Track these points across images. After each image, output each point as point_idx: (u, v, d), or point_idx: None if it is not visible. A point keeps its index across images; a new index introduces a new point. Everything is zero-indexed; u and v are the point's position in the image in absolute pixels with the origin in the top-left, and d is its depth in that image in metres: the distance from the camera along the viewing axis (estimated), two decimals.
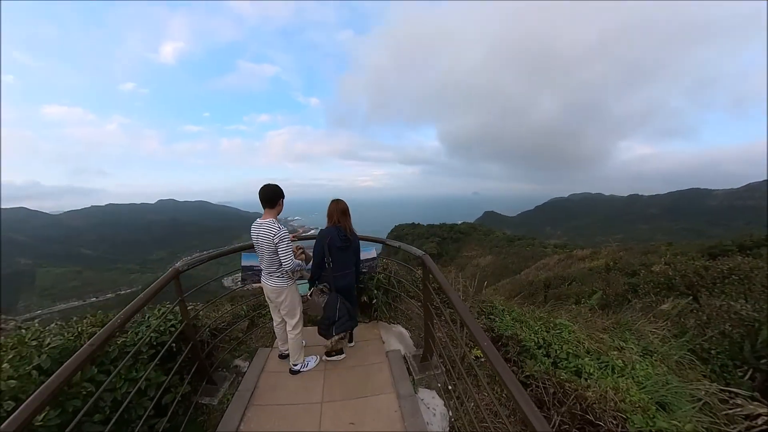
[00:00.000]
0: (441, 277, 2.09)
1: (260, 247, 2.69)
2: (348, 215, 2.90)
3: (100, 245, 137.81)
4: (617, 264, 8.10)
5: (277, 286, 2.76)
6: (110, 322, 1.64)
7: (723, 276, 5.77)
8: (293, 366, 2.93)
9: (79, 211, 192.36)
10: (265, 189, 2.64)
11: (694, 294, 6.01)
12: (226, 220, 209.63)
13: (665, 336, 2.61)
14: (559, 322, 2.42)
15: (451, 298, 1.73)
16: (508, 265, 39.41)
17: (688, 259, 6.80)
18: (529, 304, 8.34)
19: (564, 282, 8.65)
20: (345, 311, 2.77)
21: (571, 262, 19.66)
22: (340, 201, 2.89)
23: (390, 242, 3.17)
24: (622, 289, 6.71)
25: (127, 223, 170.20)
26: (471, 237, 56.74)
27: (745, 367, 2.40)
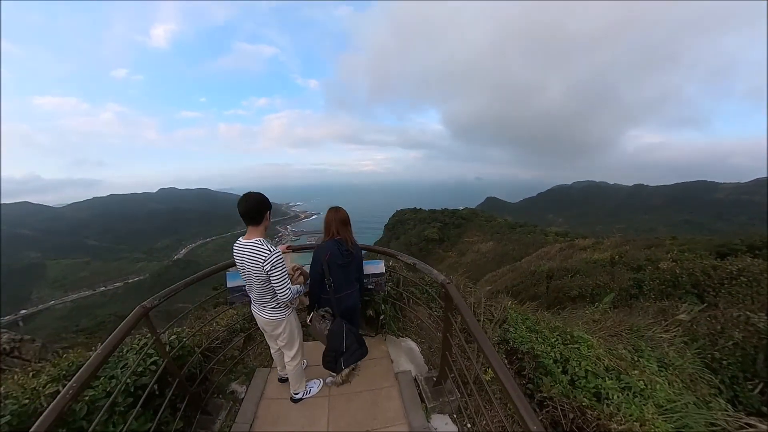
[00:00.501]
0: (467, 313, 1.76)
1: (247, 273, 2.17)
2: (349, 225, 2.52)
3: (105, 236, 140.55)
4: (623, 258, 8.07)
5: (273, 319, 2.31)
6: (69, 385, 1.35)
7: (731, 277, 5.75)
8: (294, 395, 2.62)
9: (81, 203, 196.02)
10: (245, 201, 2.05)
11: (700, 293, 6.03)
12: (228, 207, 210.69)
13: (678, 345, 2.59)
14: (577, 335, 2.35)
15: (477, 337, 1.54)
16: (508, 251, 39.63)
17: (695, 257, 6.77)
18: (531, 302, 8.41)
19: (567, 273, 8.67)
20: (353, 339, 2.45)
21: (573, 252, 19.70)
22: (339, 209, 2.50)
23: (404, 258, 2.73)
24: (627, 285, 6.73)
25: (129, 213, 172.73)
26: (472, 223, 56.73)
27: (756, 380, 2.39)
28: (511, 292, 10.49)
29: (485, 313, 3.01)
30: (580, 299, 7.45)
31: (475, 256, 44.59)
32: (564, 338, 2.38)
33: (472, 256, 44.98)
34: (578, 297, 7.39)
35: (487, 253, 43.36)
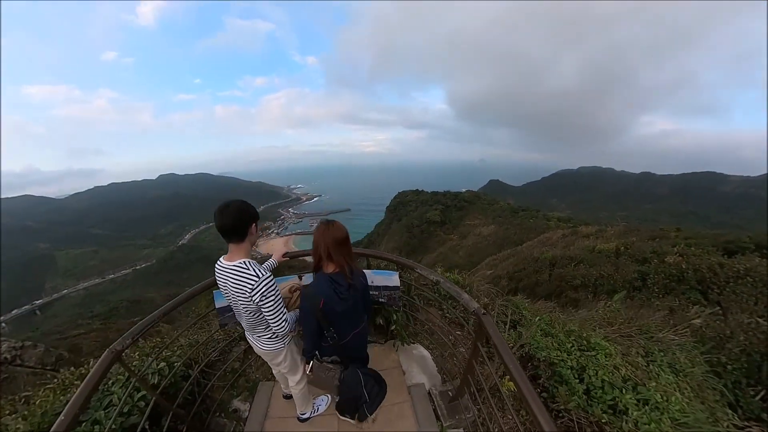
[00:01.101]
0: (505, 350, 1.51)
1: (233, 301, 1.80)
2: (346, 246, 1.83)
3: (109, 224, 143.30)
4: (628, 249, 8.08)
5: (271, 350, 1.96)
6: None
7: (737, 276, 5.76)
8: (301, 415, 2.40)
9: (83, 193, 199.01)
10: (222, 213, 1.63)
11: (704, 290, 6.08)
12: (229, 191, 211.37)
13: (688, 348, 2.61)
14: (594, 342, 2.32)
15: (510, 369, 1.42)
16: (510, 235, 39.86)
17: (703, 253, 6.76)
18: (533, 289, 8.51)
19: (570, 262, 8.72)
20: (372, 383, 2.10)
21: (575, 239, 19.71)
22: (332, 225, 1.82)
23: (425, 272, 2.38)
24: (631, 277, 6.78)
25: (131, 201, 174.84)
26: (475, 206, 56.59)
27: (759, 387, 2.43)
28: (513, 277, 10.64)
29: (499, 315, 2.96)
30: (582, 289, 7.55)
31: (476, 239, 44.92)
32: (580, 344, 2.34)
33: (473, 239, 45.33)
34: (581, 287, 7.49)
35: (488, 237, 43.64)
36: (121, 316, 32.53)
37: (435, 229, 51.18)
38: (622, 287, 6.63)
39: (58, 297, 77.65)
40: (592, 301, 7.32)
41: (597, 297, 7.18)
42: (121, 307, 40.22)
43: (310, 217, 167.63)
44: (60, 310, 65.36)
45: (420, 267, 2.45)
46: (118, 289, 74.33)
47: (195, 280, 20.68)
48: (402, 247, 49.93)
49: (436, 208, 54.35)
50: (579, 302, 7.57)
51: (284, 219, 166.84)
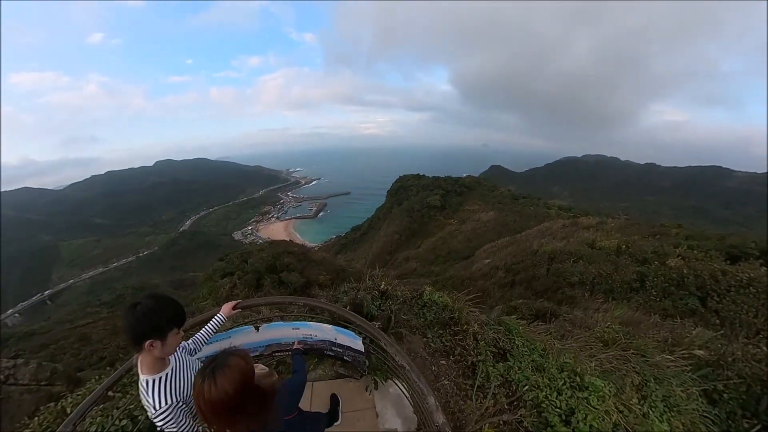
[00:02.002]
0: None
1: None
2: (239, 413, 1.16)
3: (110, 213, 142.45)
4: (629, 248, 7.97)
5: None
6: None
7: (740, 285, 5.66)
8: None
9: (81, 183, 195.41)
10: (126, 315, 1.37)
11: (704, 297, 6.02)
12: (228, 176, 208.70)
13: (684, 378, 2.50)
14: (588, 381, 2.16)
15: None
16: (509, 222, 39.79)
17: (705, 257, 6.65)
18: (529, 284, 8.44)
19: (570, 257, 8.64)
20: None
21: (576, 230, 19.61)
22: (212, 379, 1.14)
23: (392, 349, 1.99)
24: (630, 278, 6.70)
25: (130, 189, 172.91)
26: (475, 192, 56.18)
27: (755, 421, 2.34)
28: (510, 269, 10.61)
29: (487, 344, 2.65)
30: (579, 286, 7.50)
31: (475, 224, 44.87)
32: (572, 381, 2.19)
33: (472, 225, 45.29)
34: (578, 284, 7.44)
35: (487, 223, 43.58)
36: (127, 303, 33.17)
37: (435, 214, 51.09)
38: (620, 288, 6.57)
39: (65, 287, 79.49)
40: (588, 299, 7.29)
41: (594, 296, 7.15)
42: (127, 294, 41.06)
43: (310, 201, 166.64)
44: (69, 299, 67.28)
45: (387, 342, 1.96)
46: (123, 276, 75.34)
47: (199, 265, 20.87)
48: (402, 231, 50.06)
49: (436, 192, 53.97)
50: (575, 300, 7.55)
51: (284, 203, 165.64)
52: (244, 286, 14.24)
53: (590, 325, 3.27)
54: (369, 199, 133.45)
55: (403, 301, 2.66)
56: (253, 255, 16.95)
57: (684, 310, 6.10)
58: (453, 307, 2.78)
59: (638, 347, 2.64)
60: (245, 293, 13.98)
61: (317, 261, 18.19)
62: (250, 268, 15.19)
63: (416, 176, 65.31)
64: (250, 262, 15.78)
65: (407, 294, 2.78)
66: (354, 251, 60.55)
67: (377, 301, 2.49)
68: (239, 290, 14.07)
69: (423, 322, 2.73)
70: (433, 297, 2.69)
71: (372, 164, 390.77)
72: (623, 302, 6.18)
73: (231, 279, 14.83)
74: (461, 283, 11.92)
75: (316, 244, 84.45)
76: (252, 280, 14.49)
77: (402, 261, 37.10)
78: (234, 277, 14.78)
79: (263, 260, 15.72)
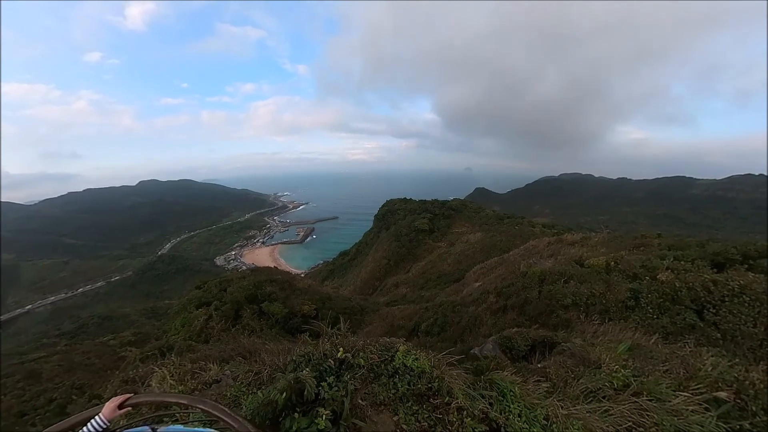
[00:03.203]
0: None
1: None
2: None
3: (83, 233, 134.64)
4: (618, 265, 7.80)
5: None
6: None
7: (733, 294, 5.50)
8: None
9: (56, 200, 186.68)
10: None
11: (700, 309, 5.79)
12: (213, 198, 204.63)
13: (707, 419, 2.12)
14: None
15: None
16: (496, 242, 39.99)
17: (694, 268, 6.53)
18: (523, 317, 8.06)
19: (560, 278, 8.36)
20: None
21: (561, 247, 19.75)
22: None
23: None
24: (624, 296, 6.43)
25: (109, 209, 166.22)
26: (461, 214, 57.01)
27: None
28: (501, 293, 10.20)
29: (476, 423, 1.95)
30: (573, 308, 7.15)
31: (464, 246, 44.85)
32: None
33: (461, 247, 45.24)
34: (572, 305, 7.09)
35: (475, 244, 43.66)
36: (91, 334, 29.71)
37: (423, 237, 50.91)
38: (615, 308, 6.26)
39: (21, 312, 71.57)
40: (584, 322, 6.92)
41: (589, 318, 6.80)
42: (92, 323, 36.83)
43: (297, 226, 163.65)
44: (24, 327, 59.96)
45: None
46: (90, 303, 69.17)
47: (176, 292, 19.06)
48: (391, 255, 49.24)
49: (424, 216, 54.25)
50: (571, 323, 7.16)
51: (270, 227, 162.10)
52: (220, 318, 13.04)
53: (593, 360, 2.87)
54: (357, 223, 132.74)
55: (369, 368, 2.09)
56: (233, 283, 15.79)
57: (683, 326, 5.82)
58: (432, 374, 2.12)
59: (652, 390, 2.25)
60: (221, 326, 12.77)
61: (302, 289, 17.11)
62: (228, 297, 14.05)
63: (403, 200, 65.88)
64: (229, 291, 14.66)
65: (374, 358, 2.21)
66: (342, 277, 58.71)
67: (330, 377, 1.93)
68: (215, 322, 12.90)
69: (394, 394, 2.09)
70: (407, 361, 2.13)
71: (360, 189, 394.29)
72: (620, 322, 5.85)
73: (207, 310, 13.59)
74: (452, 309, 11.37)
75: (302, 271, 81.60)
76: (230, 311, 13.33)
77: (391, 287, 35.99)
78: (210, 308, 13.56)
79: (244, 289, 14.64)
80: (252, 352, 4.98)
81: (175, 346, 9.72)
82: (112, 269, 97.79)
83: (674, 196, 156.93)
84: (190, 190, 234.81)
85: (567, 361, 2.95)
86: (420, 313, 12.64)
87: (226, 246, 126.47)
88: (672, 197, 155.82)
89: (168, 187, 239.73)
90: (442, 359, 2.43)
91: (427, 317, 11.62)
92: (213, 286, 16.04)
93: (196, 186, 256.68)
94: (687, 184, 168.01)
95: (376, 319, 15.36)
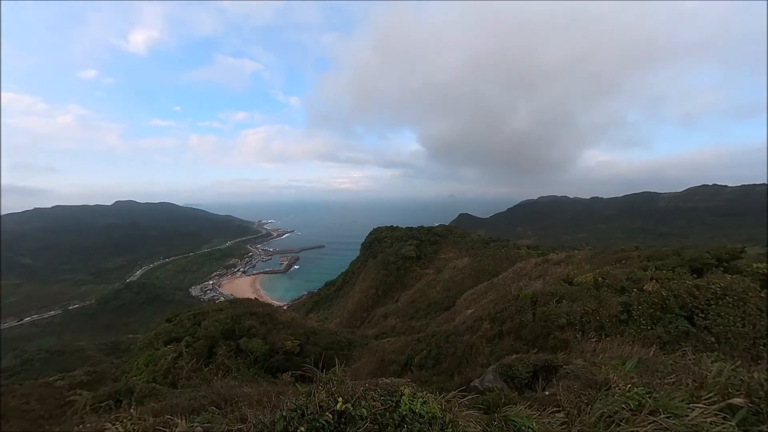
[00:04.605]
0: None
1: None
2: None
3: (45, 253, 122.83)
4: (606, 280, 7.86)
5: None
6: None
7: (717, 297, 5.60)
8: None
9: (19, 215, 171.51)
10: None
11: (689, 315, 5.81)
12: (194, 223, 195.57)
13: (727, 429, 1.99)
14: None
15: None
16: (484, 267, 40.00)
17: (676, 276, 6.67)
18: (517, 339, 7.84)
19: (552, 298, 8.28)
20: None
21: (548, 267, 19.96)
22: None
23: None
24: (616, 310, 6.39)
25: (77, 228, 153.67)
26: (448, 240, 57.35)
27: None
28: (495, 319, 9.93)
29: None
30: (569, 327, 7.00)
31: (452, 272, 44.49)
32: None
33: (449, 273, 44.83)
34: (567, 325, 6.94)
35: (463, 269, 43.44)
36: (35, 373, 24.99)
37: (411, 265, 50.22)
38: (609, 323, 6.18)
39: None
40: (581, 341, 6.76)
41: (585, 336, 6.65)
42: (38, 359, 31.08)
43: (281, 254, 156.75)
44: None
45: None
46: (40, 334, 60.76)
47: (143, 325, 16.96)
48: (378, 285, 47.81)
49: (411, 243, 54.07)
50: (569, 343, 6.96)
51: (252, 256, 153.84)
52: (191, 356, 11.54)
53: (601, 381, 2.68)
54: (343, 253, 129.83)
55: (372, 418, 1.77)
56: (209, 316, 14.43)
57: (677, 334, 5.78)
58: (444, 419, 1.83)
59: (667, 406, 2.10)
60: (192, 365, 11.18)
61: (285, 323, 15.78)
62: (202, 332, 12.68)
63: (390, 228, 65.82)
64: (203, 325, 13.30)
65: (377, 405, 1.88)
66: (327, 309, 55.79)
67: None
68: (185, 361, 11.32)
69: None
70: (414, 406, 1.82)
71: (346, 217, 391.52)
72: (617, 337, 5.74)
73: (176, 347, 12.11)
74: (446, 339, 10.87)
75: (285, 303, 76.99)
76: (203, 348, 11.93)
77: (380, 318, 34.44)
78: (181, 344, 12.09)
79: (220, 323, 13.33)
80: (228, 399, 4.38)
81: (135, 390, 8.43)
82: (72, 295, 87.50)
83: (642, 210, 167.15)
84: (170, 213, 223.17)
85: (574, 385, 2.75)
86: (412, 346, 11.95)
87: (203, 275, 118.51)
88: (641, 211, 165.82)
89: (146, 210, 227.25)
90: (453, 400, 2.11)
91: (420, 349, 10.99)
92: (185, 320, 14.61)
93: (176, 210, 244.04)
94: (653, 198, 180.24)
95: (366, 353, 14.37)
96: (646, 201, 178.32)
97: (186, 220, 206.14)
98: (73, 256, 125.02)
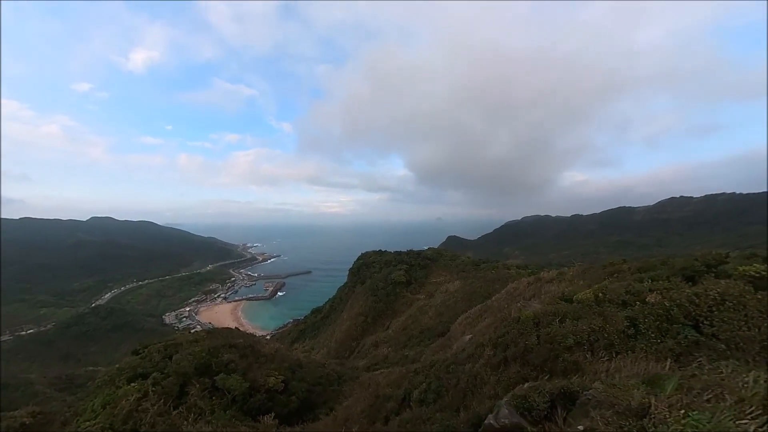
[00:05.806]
0: None
1: None
2: None
3: (4, 270, 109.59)
4: (606, 295, 7.76)
5: None
6: None
7: (717, 303, 5.58)
8: None
9: None
10: None
11: (696, 324, 5.71)
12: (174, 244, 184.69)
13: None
14: None
15: None
16: (476, 289, 39.48)
17: (675, 286, 6.67)
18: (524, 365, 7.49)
19: (554, 318, 8.04)
20: None
21: (540, 285, 19.87)
22: None
23: None
24: (623, 325, 6.22)
25: (45, 244, 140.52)
26: (438, 263, 56.85)
27: None
28: (498, 344, 9.49)
29: None
30: (577, 348, 6.72)
31: (444, 296, 43.56)
32: None
33: (441, 297, 43.85)
34: (575, 346, 6.66)
35: (455, 293, 42.65)
36: None
37: (401, 290, 48.89)
38: (618, 340, 5.97)
39: None
40: (592, 361, 6.46)
41: (595, 355, 6.37)
42: None
43: (266, 280, 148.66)
44: None
45: None
46: None
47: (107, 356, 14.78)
48: (368, 312, 45.79)
49: (400, 267, 53.09)
50: (580, 365, 6.63)
51: (235, 281, 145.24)
52: (158, 397, 9.89)
53: (635, 406, 2.43)
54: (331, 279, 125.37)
55: None
56: (182, 348, 12.84)
57: (687, 344, 5.62)
58: None
59: (722, 429, 1.88)
60: (159, 408, 9.49)
61: (268, 355, 14.26)
62: (173, 367, 11.07)
63: (378, 252, 64.53)
64: (175, 359, 11.65)
65: None
66: (314, 338, 52.39)
67: None
68: (150, 402, 9.61)
69: None
70: None
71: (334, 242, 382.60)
72: (628, 354, 5.51)
73: (142, 385, 10.36)
74: (446, 369, 10.19)
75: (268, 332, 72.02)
76: (173, 386, 10.32)
77: (371, 347, 32.57)
78: (147, 382, 10.40)
79: (194, 356, 11.78)
80: None
81: None
82: (28, 318, 77.07)
83: (620, 224, 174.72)
84: (149, 232, 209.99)
85: (606, 414, 2.48)
86: (409, 378, 11.09)
87: (179, 300, 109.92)
88: (619, 225, 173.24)
89: (124, 227, 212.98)
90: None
91: (419, 382, 10.19)
92: (155, 352, 12.86)
93: (155, 229, 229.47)
94: (629, 212, 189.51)
95: (357, 388, 13.18)
96: (623, 215, 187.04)
97: (166, 241, 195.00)
98: (35, 273, 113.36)
